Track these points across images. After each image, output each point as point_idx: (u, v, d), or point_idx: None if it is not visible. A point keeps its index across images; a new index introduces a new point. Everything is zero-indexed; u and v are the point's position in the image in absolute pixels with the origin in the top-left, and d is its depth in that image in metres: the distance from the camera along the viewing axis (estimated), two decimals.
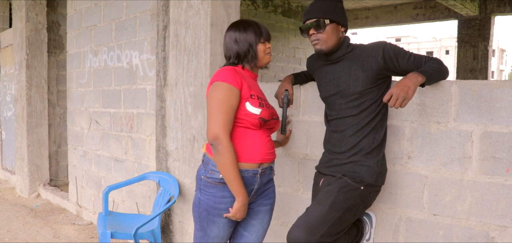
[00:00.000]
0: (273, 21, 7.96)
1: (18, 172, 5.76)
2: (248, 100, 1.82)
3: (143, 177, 3.28)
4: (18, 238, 3.96)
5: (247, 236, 2.00)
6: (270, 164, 1.96)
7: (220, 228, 1.88)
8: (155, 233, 3.01)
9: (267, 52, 1.94)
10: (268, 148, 1.92)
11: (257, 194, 1.95)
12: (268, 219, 2.04)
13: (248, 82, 1.87)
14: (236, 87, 1.78)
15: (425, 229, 2.02)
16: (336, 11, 1.92)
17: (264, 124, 1.87)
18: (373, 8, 9.51)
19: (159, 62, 3.24)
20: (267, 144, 1.92)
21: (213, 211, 1.86)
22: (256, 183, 1.89)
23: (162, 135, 3.23)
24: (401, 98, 1.67)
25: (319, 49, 1.93)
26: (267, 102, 1.95)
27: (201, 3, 2.81)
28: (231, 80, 1.78)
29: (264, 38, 1.93)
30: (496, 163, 1.82)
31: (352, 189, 1.85)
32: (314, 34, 1.92)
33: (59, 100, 5.78)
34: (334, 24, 1.90)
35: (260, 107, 1.84)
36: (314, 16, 1.91)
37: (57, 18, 5.74)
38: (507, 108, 1.78)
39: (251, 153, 1.85)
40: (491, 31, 8.17)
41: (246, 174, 1.84)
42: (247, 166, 1.85)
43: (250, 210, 1.97)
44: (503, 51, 53.30)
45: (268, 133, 1.95)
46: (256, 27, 1.91)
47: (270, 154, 1.94)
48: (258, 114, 1.82)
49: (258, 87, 1.99)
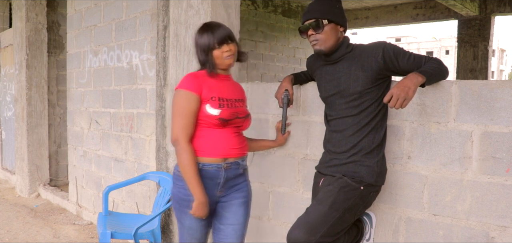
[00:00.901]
0: (273, 21, 7.96)
1: (18, 172, 5.76)
2: (208, 102, 1.96)
3: (143, 177, 3.28)
4: (18, 238, 3.96)
5: (224, 229, 2.08)
6: (236, 160, 2.05)
7: (191, 219, 2.02)
8: (155, 233, 3.01)
9: (226, 55, 1.97)
10: (233, 144, 2.03)
11: (226, 187, 2.05)
12: (242, 213, 2.09)
13: (211, 85, 1.99)
14: (193, 93, 1.94)
15: (425, 229, 2.02)
16: (334, 11, 1.92)
17: (225, 123, 1.98)
18: (373, 8, 9.51)
19: (159, 62, 3.24)
20: (232, 140, 2.03)
21: (183, 203, 2.01)
22: (221, 177, 2.01)
23: (162, 135, 3.23)
24: (402, 99, 1.67)
25: (318, 50, 1.93)
26: (232, 102, 2.02)
27: (201, 3, 2.81)
28: (190, 87, 1.94)
29: (218, 43, 1.95)
30: (496, 163, 1.82)
31: (352, 189, 1.85)
32: (313, 35, 1.92)
33: (59, 100, 5.78)
34: (333, 24, 1.90)
35: (219, 108, 1.96)
36: (312, 17, 1.91)
37: (57, 18, 5.74)
38: (507, 108, 1.78)
39: (214, 149, 1.98)
40: (491, 31, 8.16)
41: (210, 168, 1.98)
42: (210, 160, 1.98)
43: (223, 203, 2.07)
44: (503, 51, 53.30)
45: (235, 130, 2.05)
46: (211, 33, 1.96)
47: (235, 149, 2.04)
48: (217, 114, 1.96)
49: (228, 87, 2.06)
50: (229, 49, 1.98)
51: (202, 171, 1.97)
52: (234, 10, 2.95)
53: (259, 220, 2.73)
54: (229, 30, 2.02)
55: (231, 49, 1.99)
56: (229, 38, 1.99)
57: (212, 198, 2.02)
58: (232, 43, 1.99)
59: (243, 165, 2.11)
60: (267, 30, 7.85)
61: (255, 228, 2.75)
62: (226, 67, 2.04)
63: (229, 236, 2.06)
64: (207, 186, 1.98)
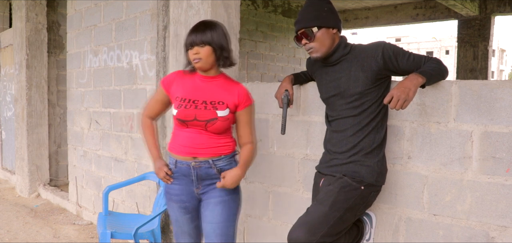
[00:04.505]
0: (273, 21, 7.97)
1: (18, 172, 5.76)
2: (173, 102, 2.07)
3: (143, 177, 3.28)
4: (18, 238, 3.96)
5: (204, 227, 2.12)
6: (206, 159, 2.03)
7: (174, 211, 2.15)
8: (155, 233, 3.01)
9: (193, 58, 1.98)
10: (202, 144, 2.02)
11: (203, 185, 2.08)
12: (219, 212, 2.07)
13: (183, 84, 2.06)
14: (161, 86, 2.12)
15: (425, 229, 2.02)
16: (323, 15, 1.90)
17: (185, 123, 2.01)
18: (373, 8, 9.51)
19: (159, 62, 3.24)
20: (201, 140, 2.02)
21: (167, 195, 2.16)
22: (193, 175, 2.06)
23: (162, 135, 3.23)
24: (402, 100, 1.67)
25: (315, 57, 1.94)
26: (195, 103, 2.00)
27: (201, 3, 2.81)
28: (163, 80, 2.13)
29: (190, 45, 1.97)
30: (496, 163, 1.82)
31: (353, 189, 1.85)
32: (307, 44, 1.92)
33: (59, 100, 5.78)
34: (324, 29, 1.89)
35: (177, 108, 2.02)
36: (302, 26, 1.91)
37: (57, 18, 5.74)
38: (507, 108, 1.79)
39: (182, 147, 2.05)
40: (491, 31, 8.16)
41: (181, 165, 2.07)
42: (180, 158, 2.06)
43: (203, 201, 2.12)
44: (503, 51, 53.29)
45: (204, 131, 2.02)
46: (189, 33, 1.99)
47: (203, 149, 2.02)
48: (175, 114, 2.02)
49: (204, 88, 2.04)
50: (196, 52, 1.94)
51: (177, 167, 2.08)
52: (234, 10, 2.95)
53: (259, 220, 2.73)
54: (210, 36, 1.94)
55: (199, 53, 1.94)
56: (202, 42, 1.93)
57: (191, 194, 2.10)
58: (204, 47, 1.94)
59: (217, 165, 2.04)
60: (267, 30, 7.85)
61: (255, 228, 2.75)
62: (199, 69, 2.02)
63: (208, 235, 2.09)
64: (184, 182, 2.09)
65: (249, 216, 2.78)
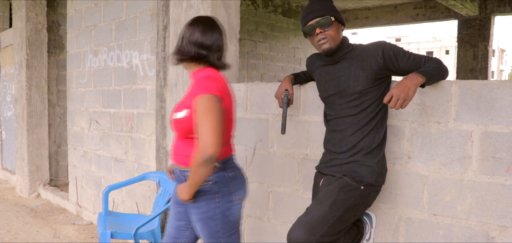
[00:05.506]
0: (273, 21, 7.96)
1: (18, 172, 5.76)
2: None
3: (143, 177, 3.28)
4: (18, 238, 3.96)
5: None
6: (177, 167, 1.90)
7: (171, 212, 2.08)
8: (155, 233, 3.01)
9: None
10: (173, 150, 1.94)
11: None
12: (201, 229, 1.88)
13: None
14: None
15: (425, 229, 2.02)
16: (335, 9, 1.94)
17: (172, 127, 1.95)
18: (373, 8, 9.51)
19: (159, 62, 3.24)
20: (174, 146, 1.94)
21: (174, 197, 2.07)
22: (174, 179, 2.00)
23: (162, 135, 3.23)
24: (402, 99, 1.67)
25: (328, 48, 1.90)
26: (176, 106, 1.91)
27: (201, 3, 2.81)
28: None
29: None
30: (496, 163, 1.82)
31: (352, 189, 1.85)
32: (321, 33, 1.90)
33: (59, 100, 5.78)
34: (337, 22, 1.92)
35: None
36: (319, 15, 1.90)
37: (57, 18, 5.74)
38: (507, 108, 1.78)
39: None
40: (491, 31, 8.16)
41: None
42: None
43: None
44: (503, 51, 53.28)
45: (178, 136, 1.90)
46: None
47: (173, 155, 1.94)
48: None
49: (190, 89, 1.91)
50: None
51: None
52: (234, 10, 2.95)
53: (259, 220, 2.73)
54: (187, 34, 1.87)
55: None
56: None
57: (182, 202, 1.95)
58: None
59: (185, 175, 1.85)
60: (267, 30, 7.85)
61: (255, 228, 2.75)
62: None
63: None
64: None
65: (249, 216, 2.78)
